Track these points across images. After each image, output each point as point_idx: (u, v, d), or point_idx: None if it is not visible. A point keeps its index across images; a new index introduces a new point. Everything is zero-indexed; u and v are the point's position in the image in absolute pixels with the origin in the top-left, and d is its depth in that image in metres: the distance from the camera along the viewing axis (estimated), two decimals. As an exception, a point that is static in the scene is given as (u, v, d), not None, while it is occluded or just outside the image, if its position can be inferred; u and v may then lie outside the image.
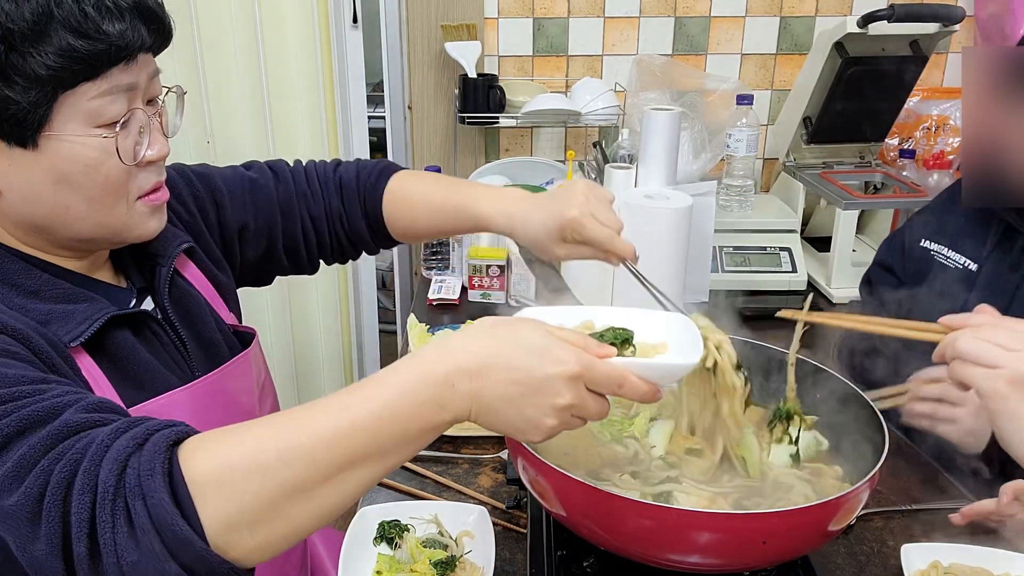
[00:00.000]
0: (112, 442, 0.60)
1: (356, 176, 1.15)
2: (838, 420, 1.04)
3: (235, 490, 0.59)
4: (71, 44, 0.71)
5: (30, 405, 0.64)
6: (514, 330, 0.68)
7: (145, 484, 0.58)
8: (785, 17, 2.27)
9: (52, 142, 0.74)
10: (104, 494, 0.58)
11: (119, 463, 0.59)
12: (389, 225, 1.16)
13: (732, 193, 1.99)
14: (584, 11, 2.25)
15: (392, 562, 1.02)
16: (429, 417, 0.64)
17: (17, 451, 0.61)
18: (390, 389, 0.63)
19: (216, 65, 2.12)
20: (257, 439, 0.61)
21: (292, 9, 2.15)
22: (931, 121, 2.20)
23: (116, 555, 0.57)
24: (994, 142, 1.13)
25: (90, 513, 0.58)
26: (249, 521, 0.59)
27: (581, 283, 1.47)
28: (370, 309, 2.56)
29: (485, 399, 0.65)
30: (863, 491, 0.85)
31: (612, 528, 0.85)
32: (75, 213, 0.79)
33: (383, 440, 0.63)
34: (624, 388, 0.70)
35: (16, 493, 0.59)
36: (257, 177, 1.11)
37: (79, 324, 0.80)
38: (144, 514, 0.57)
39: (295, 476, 0.60)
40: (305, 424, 0.62)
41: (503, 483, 1.20)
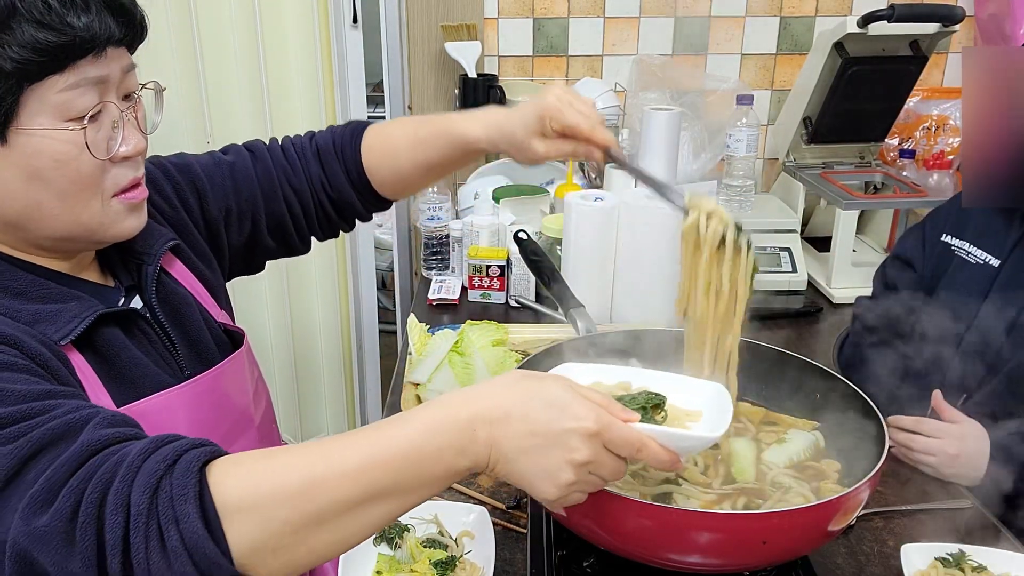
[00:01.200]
0: (142, 463, 0.62)
1: (332, 139, 1.13)
2: (838, 420, 1.04)
3: (262, 517, 0.61)
4: (35, 36, 0.70)
5: (44, 423, 0.64)
6: (539, 384, 0.69)
7: (178, 509, 0.59)
8: (785, 17, 2.27)
9: (21, 137, 0.73)
10: (137, 516, 0.59)
11: (151, 486, 0.60)
12: (373, 178, 1.12)
13: (732, 193, 1.99)
14: (584, 11, 2.25)
15: (392, 562, 1.02)
16: (449, 460, 0.66)
17: (41, 471, 0.62)
18: (415, 429, 0.65)
19: (216, 65, 2.12)
20: (285, 468, 0.63)
21: (292, 9, 2.15)
22: (931, 121, 2.20)
23: (149, 574, 0.60)
24: (994, 142, 1.13)
25: (123, 532, 0.59)
26: (274, 547, 0.62)
27: (580, 283, 1.47)
28: (370, 309, 2.56)
29: (504, 448, 0.66)
30: (863, 491, 0.85)
31: (612, 528, 0.85)
32: (48, 210, 0.77)
33: (405, 478, 0.65)
34: (643, 453, 0.70)
35: (48, 513, 0.60)
36: (235, 160, 1.09)
37: (68, 322, 0.79)
38: (177, 537, 0.59)
39: (319, 507, 0.62)
40: (333, 456, 0.64)
41: (503, 483, 1.20)
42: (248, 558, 0.61)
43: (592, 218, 1.51)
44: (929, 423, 1.24)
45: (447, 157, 1.07)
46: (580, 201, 1.52)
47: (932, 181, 2.09)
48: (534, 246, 1.38)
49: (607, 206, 1.52)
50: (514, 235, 1.56)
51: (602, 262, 1.55)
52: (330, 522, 0.63)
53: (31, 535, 0.60)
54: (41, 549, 0.60)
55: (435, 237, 1.97)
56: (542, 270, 1.30)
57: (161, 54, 2.00)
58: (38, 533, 0.60)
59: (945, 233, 1.43)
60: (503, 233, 1.86)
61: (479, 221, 1.85)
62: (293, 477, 0.62)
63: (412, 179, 1.12)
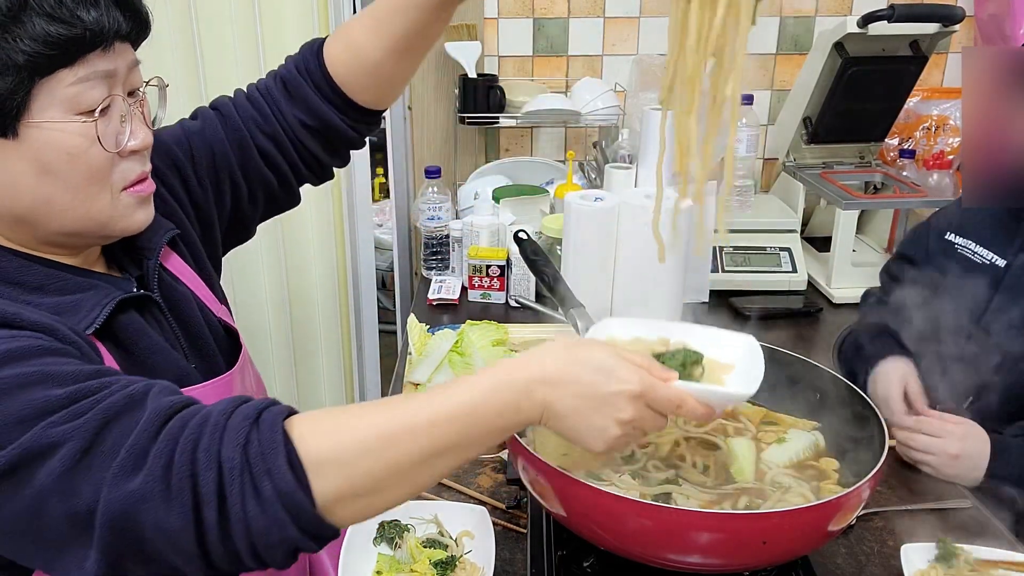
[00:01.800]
0: (227, 421, 0.66)
1: (294, 65, 1.05)
2: (838, 420, 1.04)
3: (344, 469, 0.66)
4: (46, 30, 0.71)
5: (106, 398, 0.67)
6: (587, 350, 0.75)
7: (269, 461, 0.65)
8: (785, 17, 2.27)
9: (32, 130, 0.74)
10: (231, 470, 0.64)
11: (240, 442, 0.65)
12: (349, 89, 1.02)
13: (732, 193, 1.99)
14: (584, 11, 2.25)
15: (392, 562, 1.02)
16: (508, 417, 0.72)
17: (117, 441, 0.65)
18: (478, 389, 0.71)
19: (216, 65, 2.11)
20: (363, 425, 0.68)
21: (292, 9, 2.15)
22: (931, 121, 2.20)
23: (246, 523, 0.64)
24: (994, 142, 1.13)
25: (217, 486, 0.64)
26: (353, 495, 0.67)
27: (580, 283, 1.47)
28: (370, 309, 2.56)
29: (556, 408, 0.73)
30: (863, 491, 0.85)
31: (612, 528, 0.85)
32: (59, 204, 0.78)
33: (469, 433, 0.70)
34: (682, 409, 0.77)
35: (140, 476, 0.64)
36: (203, 125, 1.04)
37: (90, 311, 0.80)
38: (271, 487, 0.64)
39: (395, 460, 0.68)
40: (406, 414, 0.69)
41: (503, 483, 1.20)
42: (330, 505, 0.66)
43: (592, 218, 1.51)
44: (930, 422, 1.24)
45: (415, 22, 0.95)
46: (580, 201, 1.52)
47: (932, 181, 2.09)
48: (534, 246, 1.38)
49: (607, 206, 1.52)
50: (514, 235, 1.56)
51: (602, 262, 1.55)
52: (403, 474, 0.69)
53: (127, 498, 0.63)
54: (140, 509, 0.63)
55: (435, 237, 1.97)
56: (542, 270, 1.30)
57: (161, 53, 2.00)
58: (135, 495, 0.63)
59: (949, 232, 1.42)
60: (503, 233, 1.86)
61: (479, 221, 1.85)
62: (371, 433, 0.68)
63: (388, 69, 1.00)
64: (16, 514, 0.66)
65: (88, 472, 0.65)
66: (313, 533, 0.67)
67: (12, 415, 0.65)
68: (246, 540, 0.65)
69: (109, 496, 0.64)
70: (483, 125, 2.21)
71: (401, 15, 0.95)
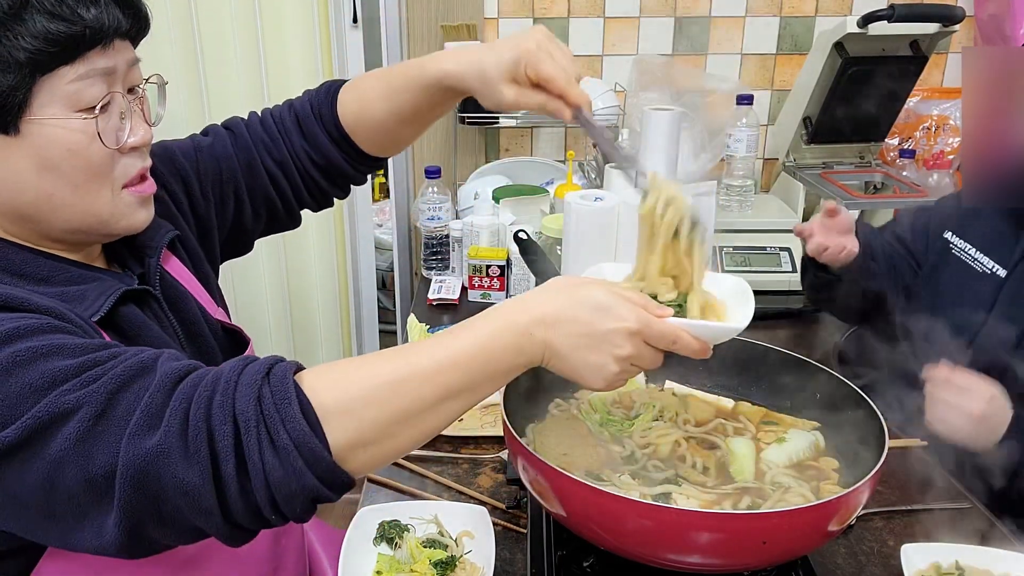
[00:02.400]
0: (238, 378, 0.68)
1: (309, 103, 1.09)
2: (838, 420, 1.04)
3: (355, 417, 0.68)
4: (47, 27, 0.72)
5: (117, 366, 0.68)
6: (585, 289, 0.77)
7: (283, 412, 0.66)
8: (785, 17, 2.27)
9: (33, 127, 0.75)
10: (247, 423, 0.66)
11: (253, 395, 0.67)
12: (355, 136, 1.07)
13: (732, 193, 1.99)
14: (584, 11, 2.25)
15: (392, 562, 1.02)
16: (510, 359, 0.74)
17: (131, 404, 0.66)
18: (481, 334, 0.73)
19: (216, 65, 2.12)
20: (372, 374, 0.70)
21: (292, 9, 2.15)
22: (931, 121, 2.20)
23: (264, 474, 0.66)
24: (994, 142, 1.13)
25: (234, 439, 0.66)
26: (365, 442, 0.69)
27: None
28: (370, 309, 2.56)
29: (556, 347, 0.75)
30: (863, 491, 0.85)
31: (612, 528, 0.85)
32: (60, 200, 0.79)
33: (474, 377, 0.73)
34: (678, 345, 0.79)
35: (157, 434, 0.65)
36: (213, 141, 1.07)
37: (95, 300, 0.81)
38: (286, 437, 0.66)
39: (404, 407, 0.70)
40: (411, 362, 0.71)
41: (503, 483, 1.20)
42: (344, 452, 0.68)
43: (592, 218, 1.51)
44: (961, 375, 1.18)
45: (424, 102, 1.01)
46: (580, 201, 1.52)
47: (932, 181, 2.09)
48: (534, 246, 1.38)
49: (607, 206, 1.52)
50: (514, 235, 1.55)
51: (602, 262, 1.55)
52: (412, 419, 0.71)
53: (146, 456, 0.65)
54: (159, 466, 0.65)
55: (435, 237, 1.97)
56: (542, 270, 1.30)
57: (161, 53, 2.01)
58: (153, 452, 0.65)
59: (948, 230, 1.40)
60: (503, 233, 1.86)
61: (479, 221, 1.85)
62: (379, 381, 0.70)
63: (394, 131, 1.07)
64: (32, 486, 0.66)
65: (103, 436, 0.66)
66: (330, 481, 0.68)
67: (25, 386, 0.66)
68: (265, 492, 0.66)
69: (127, 455, 0.65)
70: (483, 125, 2.21)
71: (411, 93, 1.00)
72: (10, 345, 0.67)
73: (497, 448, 1.28)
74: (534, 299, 0.76)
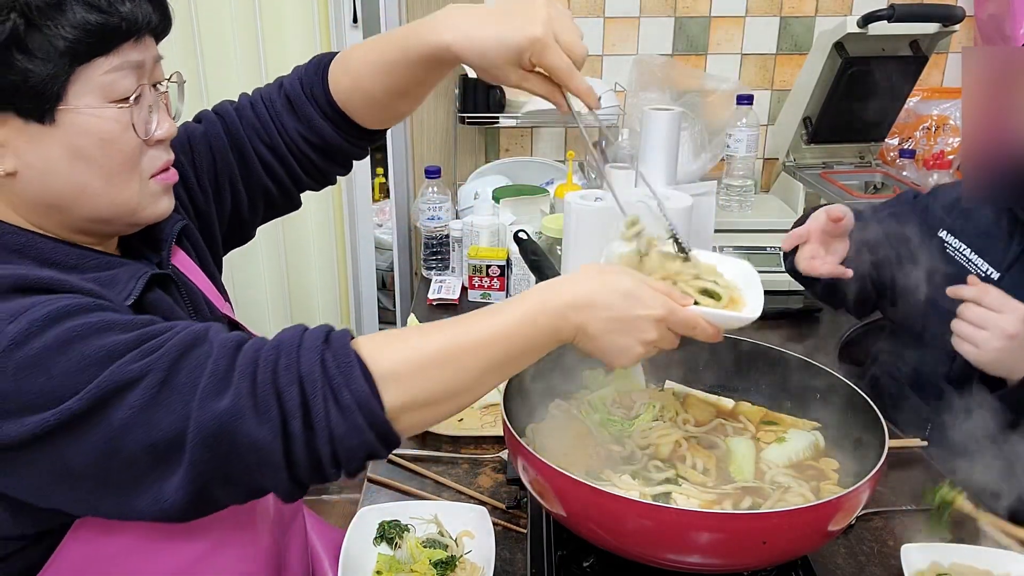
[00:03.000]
0: (300, 343, 0.73)
1: (299, 80, 1.06)
2: (838, 420, 1.04)
3: (407, 382, 0.74)
4: (86, 18, 0.75)
5: (172, 338, 0.72)
6: (616, 277, 0.82)
7: (346, 373, 0.71)
8: (785, 17, 2.27)
9: (68, 115, 0.77)
10: (312, 384, 0.71)
11: (317, 359, 0.72)
12: (350, 112, 1.04)
13: (732, 193, 1.99)
14: (584, 11, 2.25)
15: (392, 562, 1.02)
16: (545, 338, 0.80)
17: (193, 371, 0.70)
18: (521, 313, 0.79)
19: (216, 65, 2.12)
20: (424, 344, 0.76)
21: (292, 9, 2.15)
22: (931, 121, 2.20)
23: (329, 430, 0.71)
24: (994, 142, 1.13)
25: (300, 399, 0.70)
26: (415, 405, 0.75)
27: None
28: (370, 309, 2.56)
29: (588, 330, 0.80)
30: (863, 491, 0.85)
31: (612, 528, 0.85)
32: (91, 189, 0.81)
33: (513, 353, 0.78)
34: (696, 331, 0.85)
35: (227, 396, 0.69)
36: (206, 129, 1.05)
37: (125, 285, 0.83)
38: (349, 396, 0.71)
39: (451, 374, 0.76)
40: (459, 336, 0.77)
41: (503, 483, 1.20)
42: (396, 413, 0.73)
43: (592, 218, 1.51)
44: (995, 294, 1.14)
45: (420, 74, 0.97)
46: (580, 201, 1.52)
47: (932, 181, 2.09)
48: (534, 246, 1.38)
49: (607, 206, 1.52)
50: (514, 235, 1.56)
51: (602, 262, 1.55)
52: (457, 387, 0.77)
53: (220, 417, 0.69)
54: (233, 425, 0.69)
55: (435, 237, 1.97)
56: (542, 270, 1.30)
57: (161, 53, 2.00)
58: (227, 413, 0.69)
59: (943, 229, 1.39)
60: (503, 233, 1.86)
61: (479, 221, 1.85)
62: (430, 351, 0.75)
63: (390, 106, 1.03)
64: (91, 456, 0.69)
65: (167, 403, 0.69)
66: (384, 439, 0.73)
67: (86, 358, 0.68)
68: (329, 447, 0.71)
69: (200, 417, 0.68)
70: (483, 125, 2.21)
71: (406, 67, 0.96)
72: (66, 322, 0.69)
73: (497, 448, 1.28)
74: (568, 284, 0.81)
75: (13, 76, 0.73)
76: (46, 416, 0.67)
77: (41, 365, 0.67)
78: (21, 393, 0.67)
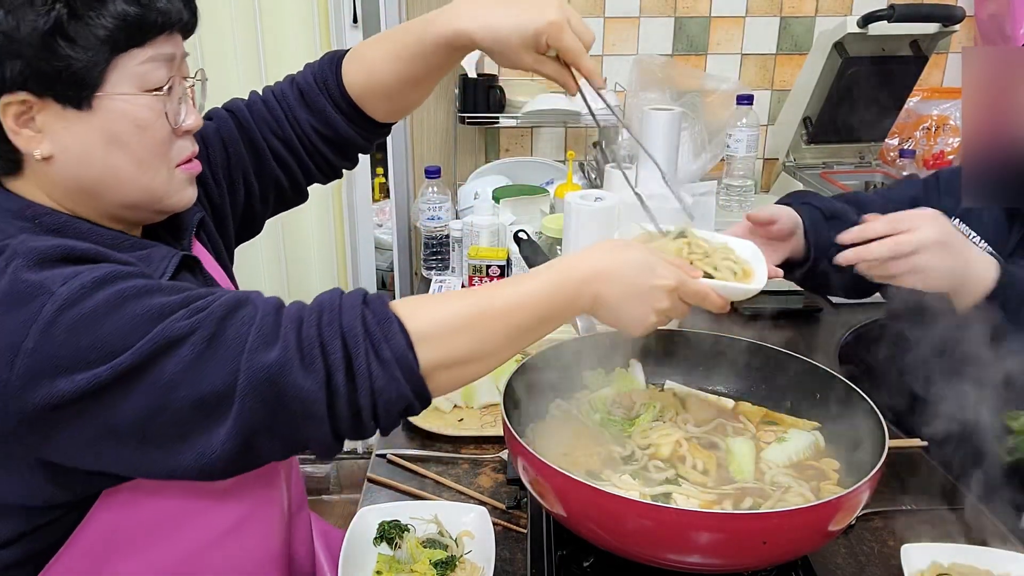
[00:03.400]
0: (340, 302, 0.78)
1: (312, 77, 1.09)
2: (838, 420, 1.04)
3: (442, 342, 0.78)
4: (125, 10, 0.79)
5: (218, 298, 0.76)
6: (632, 251, 0.88)
7: (385, 329, 0.76)
8: (785, 17, 2.27)
9: (106, 102, 0.80)
10: (355, 339, 0.75)
11: (358, 316, 0.76)
12: (364, 106, 1.08)
13: (732, 193, 1.99)
14: (584, 11, 2.25)
15: (392, 562, 1.02)
16: (567, 306, 0.85)
17: (240, 328, 0.74)
18: (545, 282, 0.84)
19: (216, 65, 2.12)
20: (457, 307, 0.81)
21: (292, 9, 2.15)
22: (931, 121, 2.20)
23: (370, 383, 0.75)
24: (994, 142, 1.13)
25: (343, 354, 0.74)
26: (447, 364, 0.79)
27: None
28: (370, 309, 2.55)
29: (606, 299, 0.85)
30: (863, 491, 0.85)
31: (612, 528, 0.85)
32: (124, 174, 0.84)
33: (536, 318, 0.83)
34: (706, 301, 0.91)
35: (275, 350, 0.73)
36: (219, 126, 1.08)
37: (159, 264, 0.86)
38: (389, 351, 0.75)
39: (481, 336, 0.80)
40: (489, 300, 0.82)
41: (503, 483, 1.20)
42: (429, 371, 0.78)
43: (592, 218, 1.51)
44: (900, 216, 1.05)
45: (435, 62, 1.01)
46: (580, 201, 1.52)
47: (932, 181, 2.09)
48: (534, 246, 1.38)
49: (607, 206, 1.52)
50: (514, 235, 1.56)
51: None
52: (487, 349, 0.81)
53: (269, 368, 0.72)
54: (282, 376, 0.73)
55: (435, 237, 1.97)
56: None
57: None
58: (276, 364, 0.73)
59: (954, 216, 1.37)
60: (503, 233, 1.86)
61: (479, 221, 1.85)
62: (463, 314, 0.80)
63: (404, 95, 1.08)
64: (139, 412, 0.71)
65: (216, 357, 0.72)
66: (419, 394, 0.78)
67: (136, 316, 0.72)
68: (370, 399, 0.75)
69: (250, 369, 0.72)
70: (483, 125, 2.21)
71: (423, 56, 1.00)
72: (116, 283, 0.73)
73: (497, 448, 1.28)
74: (588, 257, 0.86)
75: (56, 63, 0.76)
76: (99, 372, 0.70)
77: (93, 323, 0.71)
78: (74, 351, 0.70)
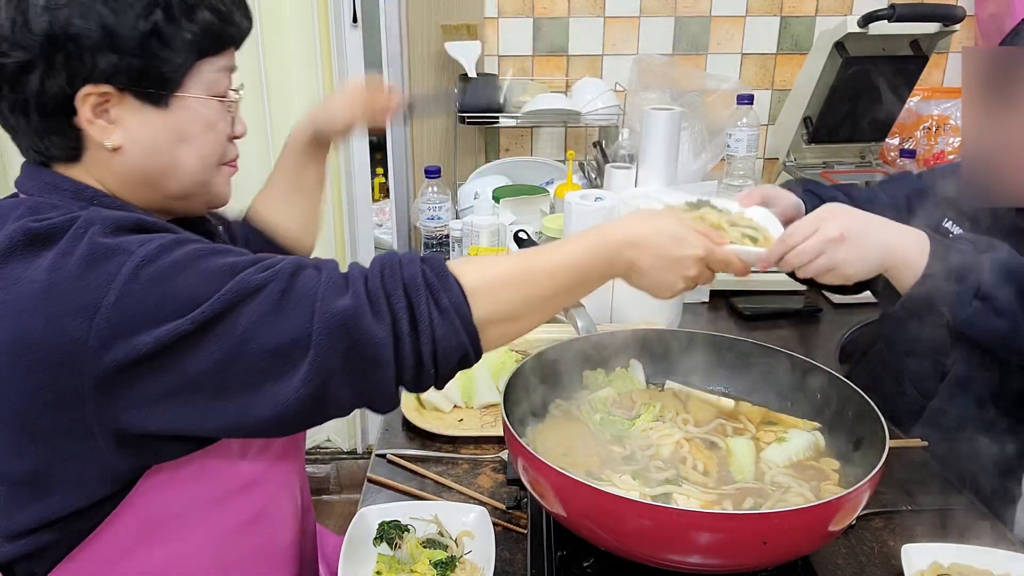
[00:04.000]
0: (400, 259, 0.83)
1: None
2: (838, 420, 1.04)
3: (494, 296, 0.84)
4: (211, 21, 0.86)
5: (284, 260, 0.81)
6: (663, 219, 0.94)
7: (443, 282, 0.81)
8: (785, 17, 2.27)
9: (182, 102, 0.87)
10: (416, 289, 0.80)
11: (418, 270, 0.81)
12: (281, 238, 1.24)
13: (732, 193, 1.99)
14: (584, 11, 2.25)
15: (392, 562, 1.02)
16: (603, 270, 0.91)
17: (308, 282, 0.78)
18: (582, 246, 0.90)
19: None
20: (506, 266, 0.86)
21: (292, 9, 2.15)
22: (931, 121, 2.20)
23: (432, 329, 0.80)
24: (994, 142, 1.13)
25: (407, 303, 0.80)
26: (499, 318, 0.84)
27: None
28: (370, 309, 2.55)
29: (638, 265, 0.91)
30: (863, 491, 0.85)
31: (612, 528, 0.85)
32: (185, 167, 0.90)
33: (577, 280, 0.89)
34: (730, 267, 0.98)
35: (347, 297, 0.78)
36: None
37: None
38: (447, 300, 0.81)
39: (528, 293, 0.86)
40: (537, 260, 0.88)
41: (503, 483, 1.20)
42: (482, 324, 0.83)
43: (592, 218, 1.51)
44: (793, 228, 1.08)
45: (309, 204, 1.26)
46: (580, 201, 1.52)
47: (932, 181, 2.09)
48: (534, 246, 1.38)
49: (607, 206, 1.52)
50: (514, 235, 1.56)
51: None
52: (534, 305, 0.87)
53: (343, 313, 0.77)
54: (355, 320, 0.77)
55: (435, 237, 1.97)
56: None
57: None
58: (349, 310, 0.77)
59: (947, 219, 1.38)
60: (503, 233, 1.86)
61: (479, 221, 1.85)
62: (513, 272, 0.86)
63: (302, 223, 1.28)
64: (214, 363, 0.75)
65: (291, 306, 0.77)
66: (473, 345, 0.83)
67: (212, 271, 0.76)
68: (431, 346, 0.80)
69: (324, 314, 0.76)
70: (483, 125, 2.21)
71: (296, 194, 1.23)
72: (190, 244, 0.78)
73: (497, 448, 1.28)
74: (623, 225, 0.92)
75: (148, 61, 0.82)
76: (179, 323, 0.73)
77: (173, 278, 0.75)
78: (154, 304, 0.74)
